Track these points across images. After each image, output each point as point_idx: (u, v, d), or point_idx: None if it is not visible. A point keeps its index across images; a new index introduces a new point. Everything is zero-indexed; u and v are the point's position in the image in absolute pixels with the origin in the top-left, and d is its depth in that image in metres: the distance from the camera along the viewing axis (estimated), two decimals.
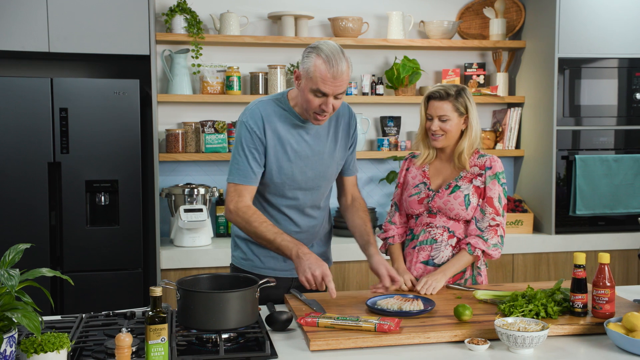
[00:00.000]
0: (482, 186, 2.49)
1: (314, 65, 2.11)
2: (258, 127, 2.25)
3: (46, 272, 1.66)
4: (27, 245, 1.71)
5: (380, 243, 2.63)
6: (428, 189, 2.54)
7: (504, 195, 2.51)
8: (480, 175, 2.49)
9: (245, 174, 2.25)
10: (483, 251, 2.45)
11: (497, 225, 2.47)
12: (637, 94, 3.96)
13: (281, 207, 2.37)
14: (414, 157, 2.65)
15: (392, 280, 2.30)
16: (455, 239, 2.51)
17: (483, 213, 2.48)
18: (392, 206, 2.69)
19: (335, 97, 2.17)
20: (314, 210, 2.44)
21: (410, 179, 2.61)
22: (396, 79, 4.02)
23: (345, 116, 2.44)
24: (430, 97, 2.49)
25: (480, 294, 2.26)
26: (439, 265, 2.50)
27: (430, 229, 2.52)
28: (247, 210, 2.24)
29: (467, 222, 2.51)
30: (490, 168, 2.49)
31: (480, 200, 2.49)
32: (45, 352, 1.57)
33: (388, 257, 2.62)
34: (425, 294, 2.35)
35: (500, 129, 4.26)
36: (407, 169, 2.66)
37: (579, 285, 2.07)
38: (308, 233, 2.44)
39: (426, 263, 2.52)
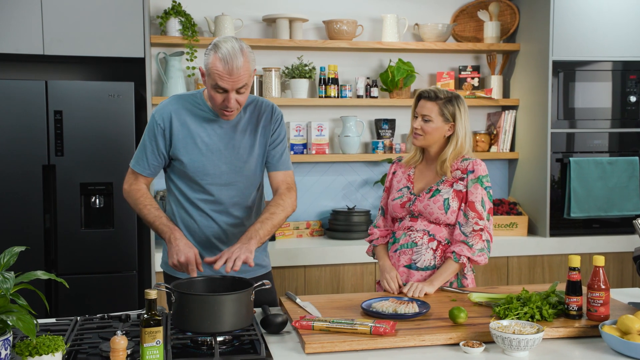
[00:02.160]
0: (464, 190, 2.48)
1: (212, 63, 2.17)
2: (163, 121, 2.33)
3: (41, 274, 1.66)
4: (22, 248, 1.71)
5: (367, 246, 2.75)
6: (410, 192, 2.56)
7: (488, 198, 2.49)
8: (462, 179, 2.49)
9: (141, 163, 2.39)
10: (468, 258, 2.44)
11: (481, 229, 2.45)
12: (631, 97, 3.98)
13: (198, 202, 2.38)
14: (401, 161, 2.69)
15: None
16: (435, 242, 2.50)
17: (466, 217, 2.47)
18: (379, 210, 2.73)
19: (238, 92, 2.20)
20: (236, 209, 2.40)
21: (396, 182, 2.64)
22: (391, 81, 4.03)
23: (266, 113, 2.42)
24: (420, 96, 2.54)
25: (475, 297, 2.26)
26: (422, 270, 2.50)
27: (410, 232, 2.52)
28: (137, 192, 2.38)
29: (449, 226, 2.51)
30: (472, 172, 2.49)
31: (463, 204, 2.49)
32: (40, 354, 1.56)
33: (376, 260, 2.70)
34: (412, 296, 2.35)
35: (494, 132, 4.27)
36: (393, 173, 2.68)
37: (573, 288, 2.07)
38: (228, 232, 2.40)
39: (409, 267, 2.52)
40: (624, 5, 3.91)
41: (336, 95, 4.01)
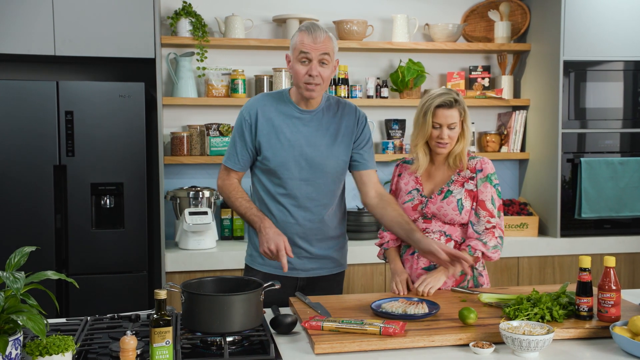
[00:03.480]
0: (475, 189, 2.49)
1: (297, 37, 2.35)
2: (250, 116, 2.43)
3: (51, 274, 1.67)
4: (33, 248, 1.71)
5: (376, 250, 2.71)
6: (421, 195, 2.53)
7: (497, 196, 2.50)
8: (472, 178, 2.50)
9: (232, 158, 2.48)
10: (482, 253, 2.45)
11: (494, 227, 2.46)
12: None
13: (278, 197, 2.45)
14: (406, 163, 2.64)
15: (451, 258, 2.30)
16: (452, 242, 2.51)
17: (478, 216, 2.48)
18: None
19: (321, 64, 2.32)
20: (314, 205, 2.46)
21: (403, 185, 2.60)
22: (401, 82, 4.02)
23: (350, 115, 2.51)
24: (439, 106, 2.44)
25: (485, 297, 2.25)
26: None
27: (427, 234, 2.50)
28: (229, 186, 2.49)
29: (463, 225, 2.51)
30: (481, 170, 2.50)
31: (474, 203, 2.50)
32: (51, 354, 1.57)
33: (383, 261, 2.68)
34: (422, 294, 2.35)
35: (505, 132, 4.26)
36: (399, 175, 2.64)
37: (584, 289, 2.06)
38: (305, 228, 2.47)
39: (428, 269, 2.52)
40: (635, 5, 3.88)
41: (346, 95, 4.01)
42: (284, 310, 2.26)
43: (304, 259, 2.49)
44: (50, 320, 2.07)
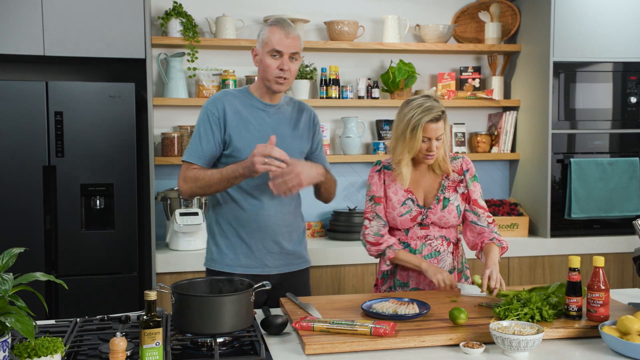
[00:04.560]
0: (466, 191, 2.54)
1: (268, 32, 2.40)
2: (217, 110, 2.44)
3: (40, 276, 1.66)
4: (21, 250, 1.70)
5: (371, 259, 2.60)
6: (418, 205, 2.51)
7: (481, 191, 2.60)
8: (462, 180, 2.54)
9: (196, 153, 2.44)
10: (506, 243, 2.51)
11: (493, 220, 2.55)
12: (632, 98, 3.97)
13: (251, 189, 2.45)
14: (385, 169, 2.57)
15: None
16: (452, 245, 2.56)
17: (477, 214, 2.53)
18: (370, 220, 2.55)
19: (291, 59, 2.40)
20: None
21: (392, 194, 2.53)
22: (392, 82, 4.03)
23: (308, 112, 2.62)
24: (428, 121, 2.39)
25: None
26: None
27: (430, 241, 2.52)
28: (191, 172, 2.42)
29: (455, 226, 2.56)
30: (467, 170, 2.56)
31: (467, 204, 2.54)
32: (39, 356, 1.56)
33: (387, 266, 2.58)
34: (496, 290, 2.29)
35: (495, 133, 4.27)
36: (383, 183, 2.56)
37: (573, 289, 2.07)
38: (278, 219, 2.49)
39: None
40: (624, 7, 3.91)
41: (337, 96, 4.01)
42: (274, 311, 2.26)
43: (276, 254, 2.50)
44: (39, 322, 2.06)
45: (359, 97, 4.09)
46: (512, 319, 2.01)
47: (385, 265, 2.52)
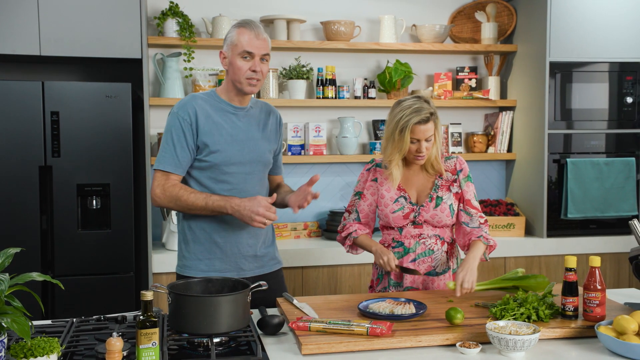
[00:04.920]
0: (459, 190, 2.54)
1: (237, 34, 2.38)
2: (189, 116, 2.40)
3: (36, 276, 1.66)
4: (17, 250, 1.70)
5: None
6: (410, 202, 2.53)
7: (475, 191, 2.60)
8: (455, 180, 2.54)
9: (172, 162, 2.39)
10: (493, 242, 2.51)
11: (486, 220, 2.54)
12: (628, 98, 3.98)
13: (224, 193, 2.42)
14: (378, 167, 2.60)
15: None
16: (446, 245, 2.56)
17: (469, 215, 2.53)
18: (349, 213, 2.65)
19: (262, 60, 2.39)
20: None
21: (385, 192, 2.55)
22: (388, 82, 4.03)
23: (274, 115, 2.62)
24: (416, 123, 2.39)
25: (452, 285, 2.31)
26: (441, 274, 2.53)
27: (423, 239, 2.52)
28: (173, 188, 2.38)
29: (451, 225, 2.57)
30: (461, 170, 2.55)
31: (461, 204, 2.55)
32: (35, 356, 1.56)
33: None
34: (466, 291, 2.28)
35: (492, 133, 4.28)
36: (374, 180, 2.58)
37: (570, 289, 2.07)
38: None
39: (430, 274, 2.54)
40: (620, 7, 3.92)
41: (334, 96, 4.01)
42: (271, 311, 2.26)
43: (250, 257, 2.50)
44: (36, 322, 2.06)
45: (356, 97, 4.09)
46: (509, 319, 2.02)
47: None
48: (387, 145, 2.49)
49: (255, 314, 2.22)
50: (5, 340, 1.58)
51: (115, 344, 1.62)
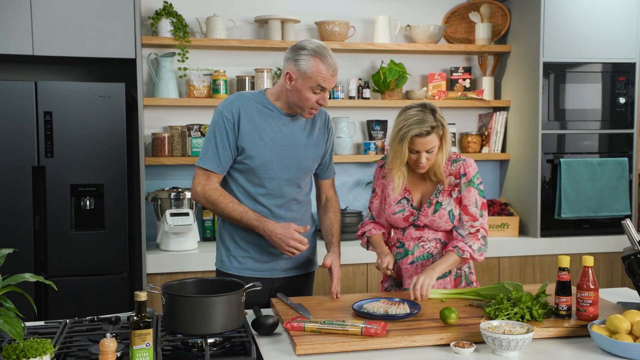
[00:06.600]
0: (459, 195, 2.48)
1: (312, 65, 2.27)
2: (233, 116, 2.38)
3: (29, 277, 1.65)
4: (10, 250, 1.69)
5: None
6: (411, 206, 2.51)
7: (480, 196, 2.48)
8: (457, 185, 2.48)
9: (214, 161, 2.39)
10: (470, 254, 2.44)
11: (477, 230, 2.45)
12: (621, 98, 4.00)
13: (259, 197, 2.43)
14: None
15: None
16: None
17: (461, 221, 2.48)
18: (369, 209, 2.70)
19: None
20: (295, 204, 2.50)
21: (390, 192, 2.55)
22: (383, 82, 4.04)
23: (322, 117, 2.57)
24: (414, 136, 2.36)
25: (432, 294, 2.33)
26: (440, 278, 2.51)
27: (423, 243, 2.52)
28: (213, 192, 2.39)
29: (450, 231, 2.54)
30: (464, 175, 2.47)
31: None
32: (28, 358, 1.55)
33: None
34: (415, 299, 2.30)
35: (486, 133, 4.29)
36: (383, 177, 2.59)
37: (563, 288, 2.08)
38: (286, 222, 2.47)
39: None
40: (613, 8, 3.93)
41: (328, 96, 4.00)
42: (265, 312, 2.25)
43: (280, 259, 2.49)
44: (28, 323, 2.05)
45: (350, 98, 4.10)
46: (502, 319, 2.02)
47: (366, 245, 2.70)
48: (390, 151, 2.48)
49: (250, 314, 2.21)
50: None
51: (109, 344, 1.61)
